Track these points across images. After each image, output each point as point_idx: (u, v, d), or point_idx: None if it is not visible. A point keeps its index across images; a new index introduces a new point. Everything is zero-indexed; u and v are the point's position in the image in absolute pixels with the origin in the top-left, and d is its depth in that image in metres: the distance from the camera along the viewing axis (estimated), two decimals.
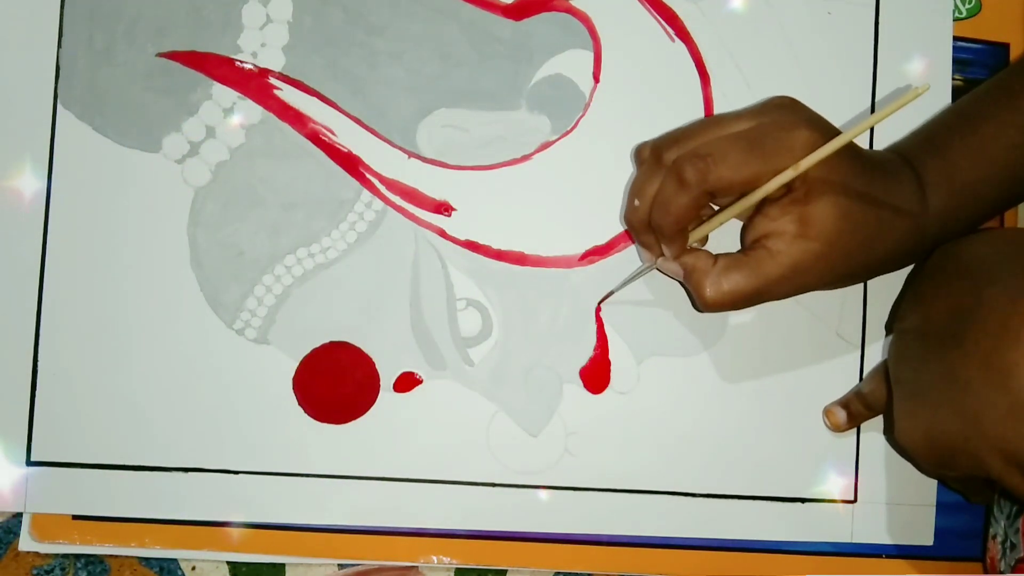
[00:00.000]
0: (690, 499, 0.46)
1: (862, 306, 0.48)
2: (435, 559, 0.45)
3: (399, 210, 0.46)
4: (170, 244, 0.45)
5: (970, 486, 0.45)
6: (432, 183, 0.46)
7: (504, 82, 0.47)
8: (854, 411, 0.46)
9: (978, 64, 0.50)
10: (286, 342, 0.45)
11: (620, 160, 0.47)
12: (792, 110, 0.42)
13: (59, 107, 0.45)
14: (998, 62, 0.50)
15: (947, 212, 0.43)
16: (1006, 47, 0.50)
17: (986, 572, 0.46)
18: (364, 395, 0.45)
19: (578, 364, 0.46)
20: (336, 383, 0.45)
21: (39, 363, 0.44)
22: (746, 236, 0.44)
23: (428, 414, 0.45)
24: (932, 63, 0.49)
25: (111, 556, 0.45)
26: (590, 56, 0.47)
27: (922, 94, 0.39)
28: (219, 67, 0.46)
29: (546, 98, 0.47)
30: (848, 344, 0.48)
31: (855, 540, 0.47)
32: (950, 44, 0.49)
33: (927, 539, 0.48)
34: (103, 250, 0.45)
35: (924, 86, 0.39)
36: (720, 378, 0.47)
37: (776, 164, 0.40)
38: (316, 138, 0.46)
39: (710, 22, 0.48)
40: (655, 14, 0.48)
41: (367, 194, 0.46)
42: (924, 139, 0.45)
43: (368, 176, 0.46)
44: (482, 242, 0.46)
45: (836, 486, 0.47)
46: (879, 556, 0.47)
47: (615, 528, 0.46)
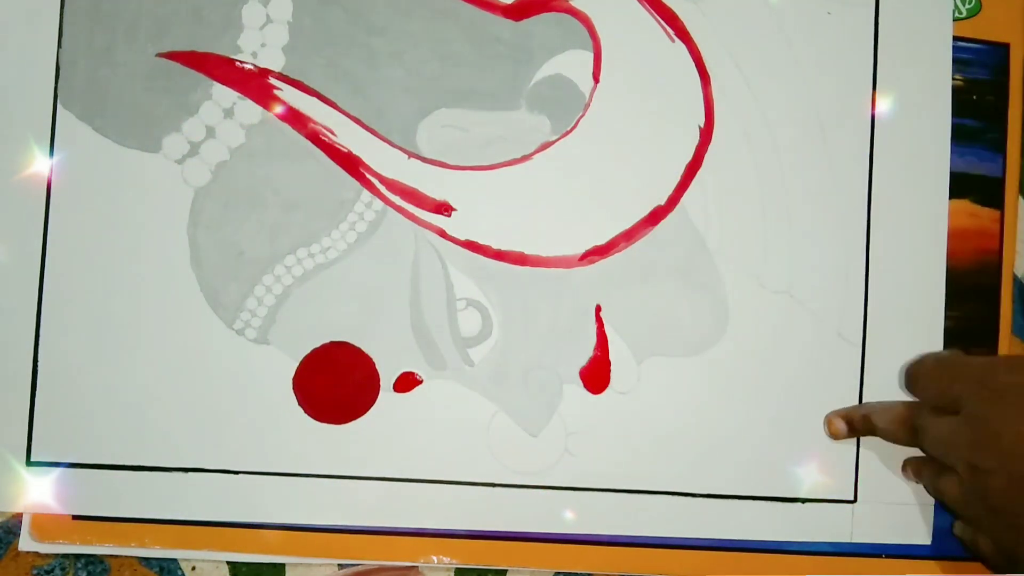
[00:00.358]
0: (690, 499, 0.46)
1: (863, 305, 0.48)
2: (435, 559, 0.45)
3: (399, 210, 0.46)
4: (170, 244, 0.45)
5: None
6: (432, 183, 0.46)
7: (504, 82, 0.47)
8: (858, 428, 0.47)
9: (978, 64, 0.50)
10: (286, 342, 0.45)
11: (620, 160, 0.47)
12: None
13: (59, 107, 0.45)
14: (998, 62, 0.50)
15: None
16: (1006, 47, 0.50)
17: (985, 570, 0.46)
18: (364, 395, 0.45)
19: (578, 364, 0.46)
20: (336, 383, 0.45)
21: (39, 363, 0.44)
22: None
23: (428, 414, 0.45)
24: (932, 63, 0.49)
25: (111, 556, 0.45)
26: (590, 56, 0.47)
27: None
28: (219, 67, 0.46)
29: (546, 98, 0.47)
30: (849, 344, 0.48)
31: (854, 540, 0.47)
32: (950, 44, 0.49)
33: (926, 539, 0.48)
34: (103, 250, 0.45)
35: None
36: (720, 378, 0.47)
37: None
38: (316, 138, 0.46)
39: (710, 22, 0.48)
40: (655, 14, 0.48)
41: (367, 194, 0.46)
42: None
43: (368, 176, 0.46)
44: (482, 242, 0.46)
45: (836, 486, 0.47)
46: (879, 556, 0.47)
47: (615, 528, 0.46)
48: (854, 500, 0.47)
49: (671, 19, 0.48)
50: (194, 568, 0.45)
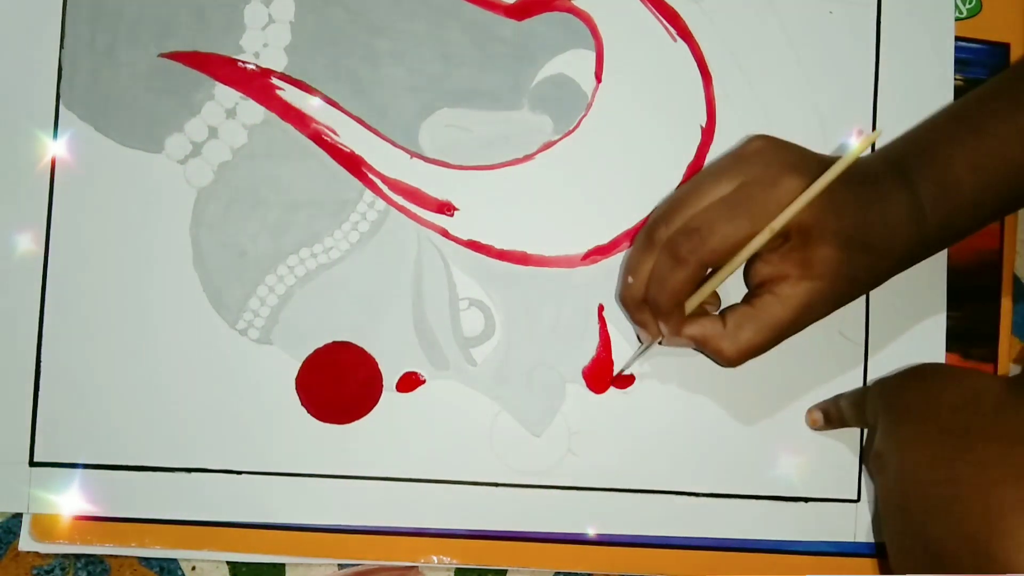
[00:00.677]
0: (693, 498, 0.46)
1: (865, 305, 0.48)
2: (435, 559, 0.45)
3: (402, 210, 0.46)
4: (173, 244, 0.45)
5: None
6: (434, 183, 0.46)
7: (506, 82, 0.47)
8: (832, 417, 0.47)
9: (978, 64, 0.50)
10: (289, 342, 0.45)
11: (622, 160, 0.47)
12: (771, 156, 0.41)
13: (61, 108, 0.45)
14: (998, 62, 0.50)
15: (948, 222, 0.43)
16: (1006, 47, 0.50)
17: None
18: (367, 395, 0.45)
19: (581, 364, 0.46)
20: (339, 383, 0.45)
21: (42, 364, 0.44)
22: (750, 280, 0.44)
23: (431, 414, 0.45)
24: (933, 63, 0.49)
25: (111, 556, 0.45)
26: (592, 56, 0.47)
27: (876, 139, 0.40)
28: (221, 67, 0.46)
29: (548, 98, 0.47)
30: (851, 343, 0.48)
31: (858, 539, 0.47)
32: (951, 44, 0.50)
33: None
34: (106, 251, 0.45)
35: (877, 132, 0.40)
36: (723, 377, 0.47)
37: (765, 223, 0.40)
38: (318, 138, 0.46)
39: (712, 22, 0.48)
40: (657, 14, 0.48)
41: (369, 194, 0.46)
42: (921, 147, 0.44)
43: (370, 176, 0.46)
44: (485, 242, 0.46)
45: (839, 485, 0.47)
46: (882, 556, 0.47)
47: (616, 528, 0.46)
48: (857, 499, 0.47)
49: (673, 19, 0.48)
50: (194, 568, 0.45)
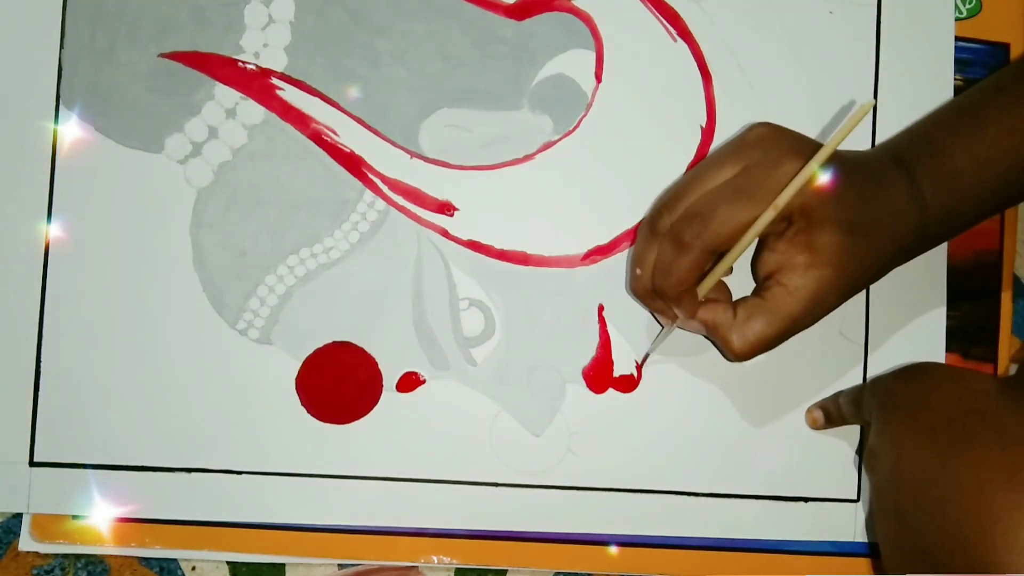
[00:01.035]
0: (693, 498, 0.46)
1: (865, 305, 0.48)
2: (435, 559, 0.45)
3: (402, 210, 0.46)
4: (173, 244, 0.45)
5: None
6: (434, 183, 0.46)
7: (506, 82, 0.47)
8: (832, 415, 0.47)
9: (978, 64, 0.50)
10: (289, 342, 0.45)
11: (622, 160, 0.47)
12: (772, 143, 0.41)
13: (61, 108, 0.45)
14: (998, 62, 0.50)
15: (949, 215, 0.43)
16: (1006, 47, 0.50)
17: None
18: (367, 395, 0.45)
19: (581, 364, 0.46)
20: (339, 383, 0.45)
21: (42, 364, 0.44)
22: (757, 272, 0.44)
23: (431, 414, 0.45)
24: (934, 62, 0.49)
25: (111, 556, 0.45)
26: (592, 56, 0.47)
27: (868, 111, 0.39)
28: (221, 67, 0.46)
29: (548, 98, 0.47)
30: (851, 343, 0.48)
31: (858, 539, 0.47)
32: (952, 44, 0.50)
33: None
34: (105, 251, 0.45)
35: (869, 103, 0.39)
36: (722, 377, 0.47)
37: (768, 205, 0.40)
38: (318, 138, 0.46)
39: (712, 22, 0.48)
40: (657, 14, 0.48)
41: (369, 194, 0.46)
42: (922, 139, 0.44)
43: (370, 176, 0.46)
44: (485, 242, 0.46)
45: (839, 485, 0.47)
46: (877, 555, 0.47)
47: (616, 528, 0.46)
48: (857, 499, 0.47)
49: (673, 19, 0.48)
50: (194, 568, 0.45)
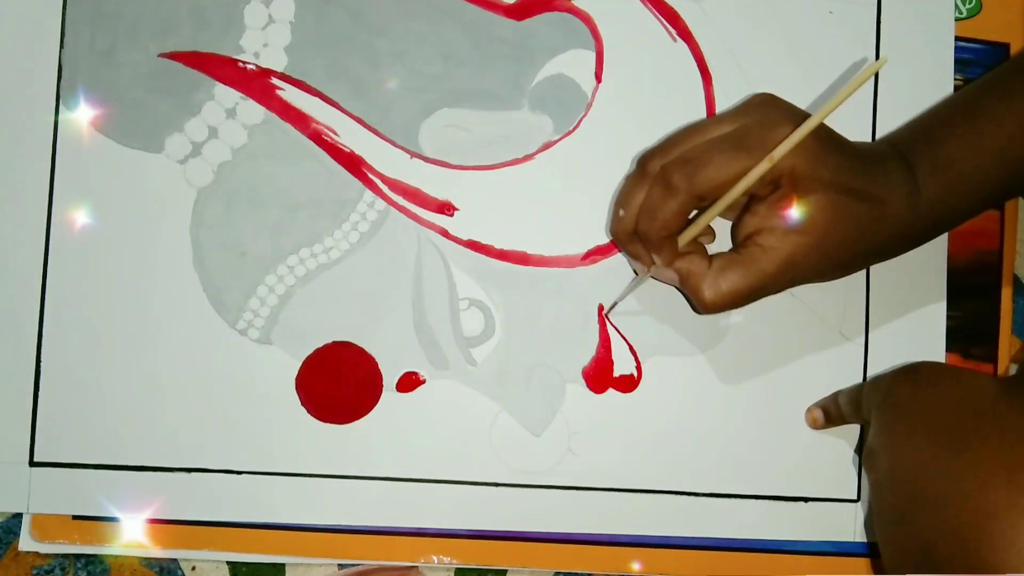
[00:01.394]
0: (693, 498, 0.46)
1: (865, 304, 0.48)
2: (435, 559, 0.45)
3: (402, 210, 0.46)
4: (173, 244, 0.45)
5: None
6: (434, 183, 0.46)
7: (506, 82, 0.47)
8: (832, 415, 0.47)
9: (978, 64, 0.50)
10: (289, 342, 0.45)
11: (622, 160, 0.47)
12: (774, 107, 0.42)
13: (61, 108, 0.45)
14: (998, 62, 0.50)
15: (942, 202, 0.43)
16: (1006, 47, 0.50)
17: None
18: (366, 395, 0.45)
19: (581, 364, 0.46)
20: (339, 383, 0.45)
21: (42, 364, 0.44)
22: (737, 234, 0.44)
23: (431, 414, 0.45)
24: (933, 63, 0.49)
25: (111, 556, 0.45)
26: (592, 56, 0.47)
27: (880, 67, 0.37)
28: (221, 67, 0.46)
29: (548, 98, 0.47)
30: (851, 343, 0.48)
31: (858, 539, 0.47)
32: (952, 44, 0.50)
33: None
34: (105, 251, 0.45)
35: (883, 59, 0.38)
36: (723, 377, 0.47)
37: (761, 159, 0.40)
38: (318, 138, 0.46)
39: (712, 21, 0.48)
40: (657, 14, 0.48)
41: (369, 194, 0.46)
42: (920, 130, 0.45)
43: (370, 176, 0.46)
44: (485, 242, 0.46)
45: (839, 485, 0.47)
46: (876, 555, 0.47)
47: (615, 528, 0.46)
48: (857, 499, 0.47)
49: (673, 18, 0.48)
50: (194, 568, 0.45)
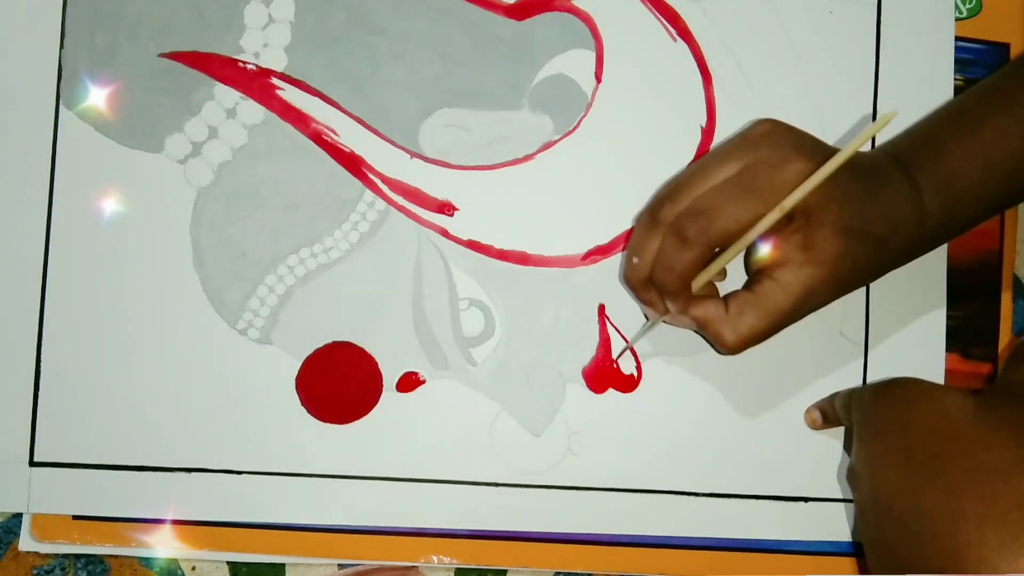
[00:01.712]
0: (692, 498, 0.46)
1: (865, 305, 0.48)
2: (435, 559, 0.45)
3: (402, 210, 0.46)
4: (172, 244, 0.45)
5: None
6: (434, 183, 0.46)
7: (506, 82, 0.47)
8: (829, 416, 0.47)
9: (978, 64, 0.50)
10: (289, 342, 0.45)
11: (622, 160, 0.47)
12: (777, 140, 0.41)
13: (61, 108, 0.45)
14: (998, 62, 0.50)
15: (947, 215, 0.43)
16: (1006, 47, 0.50)
17: None
18: (367, 395, 0.45)
19: (581, 364, 0.46)
20: (339, 383, 0.45)
21: (42, 364, 0.44)
22: (750, 267, 0.44)
23: (430, 414, 0.45)
24: (933, 63, 0.49)
25: (111, 556, 0.45)
26: (592, 56, 0.47)
27: (890, 121, 0.38)
28: (221, 67, 0.46)
29: (548, 98, 0.47)
30: (851, 343, 0.48)
31: (856, 539, 0.47)
32: (952, 44, 0.50)
33: None
34: (105, 251, 0.45)
35: (892, 113, 0.38)
36: (722, 377, 0.47)
37: (773, 203, 0.40)
38: (318, 138, 0.46)
39: (712, 22, 0.48)
40: (657, 14, 0.48)
41: (369, 194, 0.46)
42: (922, 141, 0.44)
43: (370, 176, 0.46)
44: (485, 242, 0.46)
45: (838, 485, 0.47)
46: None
47: (615, 528, 0.46)
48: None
49: (673, 18, 0.48)
50: (194, 568, 0.45)
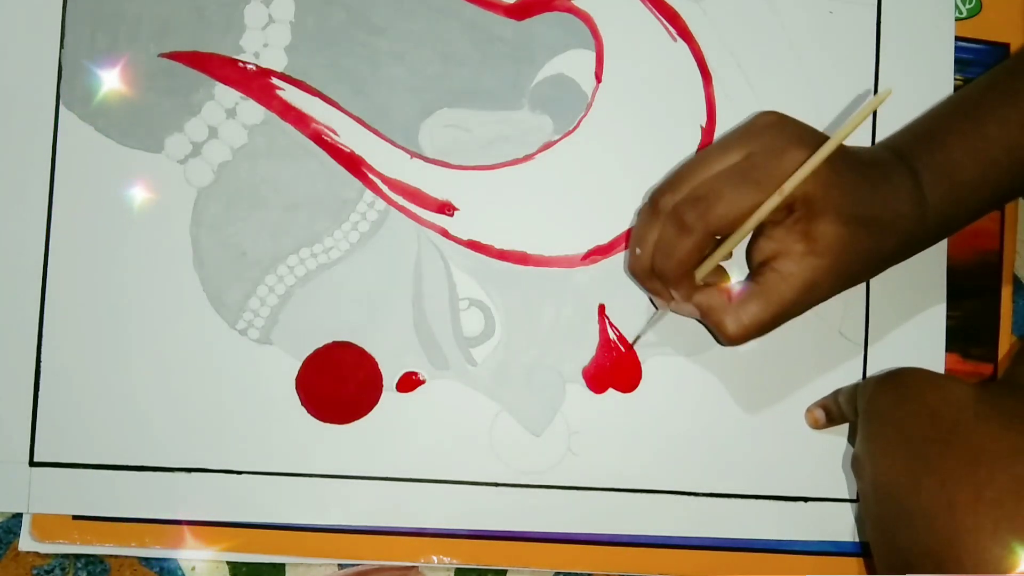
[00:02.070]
0: (692, 498, 0.46)
1: (865, 305, 0.48)
2: (435, 559, 0.45)
3: (402, 210, 0.46)
4: (173, 244, 0.45)
5: None
6: (434, 183, 0.46)
7: (506, 82, 0.47)
8: (833, 414, 0.47)
9: (978, 64, 0.50)
10: (289, 342, 0.45)
11: (622, 160, 0.47)
12: (779, 130, 0.41)
13: (61, 108, 0.45)
14: (998, 62, 0.50)
15: (947, 208, 0.43)
16: (1006, 47, 0.50)
17: None
18: (367, 395, 0.45)
19: (581, 364, 0.46)
20: (339, 383, 0.45)
21: (42, 364, 0.44)
22: (753, 259, 0.44)
23: (431, 414, 0.45)
24: (933, 63, 0.49)
25: (111, 556, 0.45)
26: (592, 56, 0.47)
27: (885, 99, 0.38)
28: (221, 67, 0.46)
29: (548, 98, 0.47)
30: (851, 343, 0.48)
31: (857, 539, 0.47)
32: (952, 44, 0.50)
33: None
34: (105, 251, 0.45)
35: (887, 91, 0.38)
36: (722, 377, 0.47)
37: (772, 191, 0.40)
38: (318, 138, 0.46)
39: (712, 22, 0.48)
40: (657, 14, 0.48)
41: (369, 194, 0.46)
42: (922, 135, 0.45)
43: (371, 176, 0.46)
44: (484, 242, 0.46)
45: (838, 485, 0.47)
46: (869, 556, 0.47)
47: (615, 528, 0.46)
48: (857, 499, 0.47)
49: (673, 18, 0.48)
50: (194, 568, 0.45)
